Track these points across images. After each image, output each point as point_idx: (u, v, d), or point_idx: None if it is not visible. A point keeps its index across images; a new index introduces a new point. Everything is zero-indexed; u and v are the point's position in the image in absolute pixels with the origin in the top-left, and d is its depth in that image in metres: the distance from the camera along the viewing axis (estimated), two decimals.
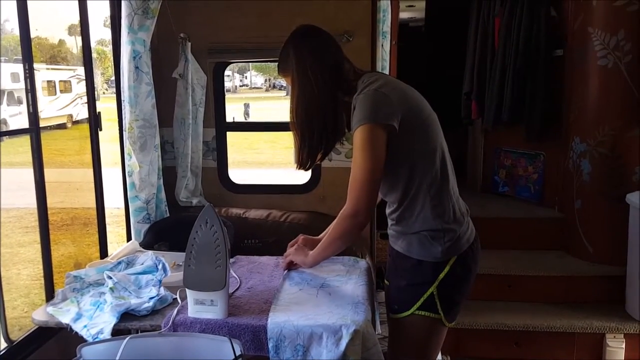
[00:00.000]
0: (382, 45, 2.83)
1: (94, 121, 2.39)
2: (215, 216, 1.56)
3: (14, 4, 1.90)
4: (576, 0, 3.12)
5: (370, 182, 1.54)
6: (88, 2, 2.31)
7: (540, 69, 3.33)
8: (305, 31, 1.69)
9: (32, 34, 1.99)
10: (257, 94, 25.95)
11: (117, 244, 3.48)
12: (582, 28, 3.00)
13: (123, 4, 2.27)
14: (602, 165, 2.95)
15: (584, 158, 3.01)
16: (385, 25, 2.87)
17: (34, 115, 1.97)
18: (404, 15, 5.55)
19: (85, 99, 2.51)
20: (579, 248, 3.08)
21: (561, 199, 3.29)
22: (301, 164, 1.68)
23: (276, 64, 1.73)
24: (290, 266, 1.93)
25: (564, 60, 3.24)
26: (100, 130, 2.41)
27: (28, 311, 4.13)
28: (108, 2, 2.52)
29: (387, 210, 1.73)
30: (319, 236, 1.89)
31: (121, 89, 2.40)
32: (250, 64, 19.14)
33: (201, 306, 1.58)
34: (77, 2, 2.28)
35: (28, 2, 1.92)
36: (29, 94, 1.95)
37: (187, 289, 1.58)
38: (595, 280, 2.96)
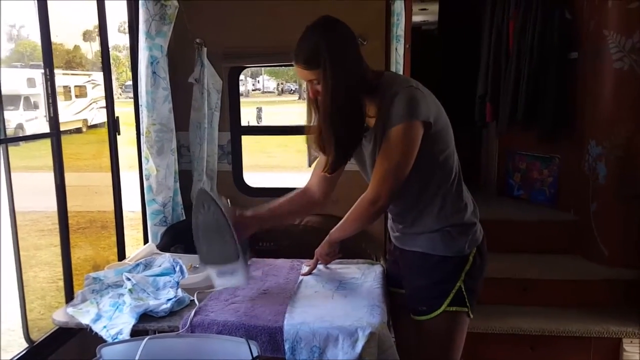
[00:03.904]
0: (396, 49, 2.83)
1: (112, 125, 2.42)
2: (210, 197, 1.63)
3: (32, 10, 1.93)
4: (591, 2, 3.10)
5: (398, 173, 1.56)
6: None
7: (554, 71, 3.31)
8: (332, 23, 1.60)
9: None
10: (270, 98, 26.03)
11: (133, 247, 3.51)
12: (597, 30, 2.98)
13: (141, 9, 2.31)
14: (618, 168, 2.93)
15: (599, 161, 2.99)
16: (399, 28, 2.87)
17: (54, 120, 2.01)
18: (416, 18, 5.55)
19: (100, 103, 2.55)
20: (595, 251, 3.05)
21: (576, 202, 3.27)
22: (330, 168, 1.68)
23: (289, 68, 1.74)
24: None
25: (579, 63, 3.22)
26: (119, 134, 2.44)
27: (45, 313, 4.18)
28: (125, 7, 2.56)
29: (400, 211, 1.73)
30: None
31: (139, 94, 2.44)
32: (262, 68, 19.22)
33: (223, 278, 1.70)
34: (95, 8, 2.32)
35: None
36: (50, 99, 1.98)
37: (207, 266, 1.71)
38: (611, 284, 2.93)
